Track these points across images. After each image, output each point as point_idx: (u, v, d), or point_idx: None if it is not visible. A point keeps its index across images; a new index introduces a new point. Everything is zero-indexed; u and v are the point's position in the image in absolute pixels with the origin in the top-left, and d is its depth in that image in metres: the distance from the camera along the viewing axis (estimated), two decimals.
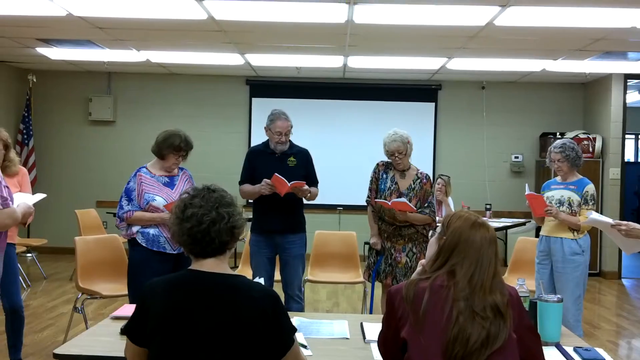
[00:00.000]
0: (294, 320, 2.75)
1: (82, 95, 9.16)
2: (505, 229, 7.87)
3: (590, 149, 8.42)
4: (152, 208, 3.89)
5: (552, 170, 4.77)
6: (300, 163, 4.44)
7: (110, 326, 2.76)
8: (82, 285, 4.54)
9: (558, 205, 4.53)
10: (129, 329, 1.95)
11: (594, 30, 5.76)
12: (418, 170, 4.61)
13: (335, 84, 9.12)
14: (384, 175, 4.58)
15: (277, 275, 4.54)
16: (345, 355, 2.51)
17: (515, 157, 9.19)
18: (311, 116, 9.00)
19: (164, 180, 3.99)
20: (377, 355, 2.24)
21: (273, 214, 4.38)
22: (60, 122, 9.18)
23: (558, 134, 8.64)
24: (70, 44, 7.06)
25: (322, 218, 8.50)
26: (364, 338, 2.69)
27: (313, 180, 4.50)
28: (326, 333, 2.76)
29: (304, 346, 2.49)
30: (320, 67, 8.21)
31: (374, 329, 2.57)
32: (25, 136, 8.78)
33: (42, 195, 3.78)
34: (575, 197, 4.51)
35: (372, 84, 9.13)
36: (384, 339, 2.09)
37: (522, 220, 7.72)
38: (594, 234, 4.13)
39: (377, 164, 4.66)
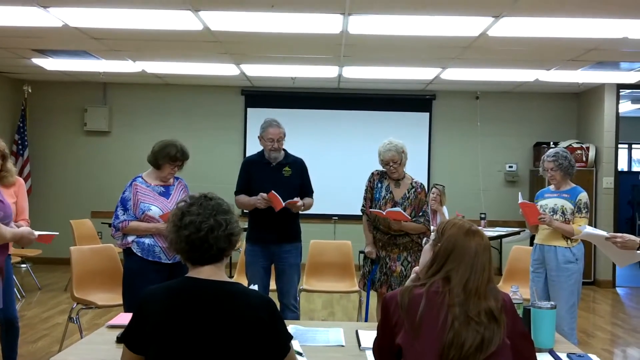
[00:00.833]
0: (290, 328, 2.76)
1: (78, 106, 9.16)
2: (499, 238, 7.91)
3: (584, 159, 8.46)
4: (148, 218, 3.90)
5: (546, 179, 4.80)
6: (296, 173, 4.46)
7: (106, 335, 2.75)
8: (77, 295, 4.53)
9: (552, 213, 4.56)
10: (126, 336, 1.95)
11: (587, 41, 5.82)
12: (413, 179, 4.63)
13: (330, 94, 9.16)
14: (379, 185, 4.60)
15: (273, 285, 4.55)
16: None
17: (510, 167, 9.24)
18: (306, 126, 9.02)
19: (160, 190, 4.01)
20: None
21: (269, 224, 4.39)
22: (56, 133, 9.19)
23: (552, 143, 8.67)
24: (66, 55, 7.08)
25: (318, 227, 8.52)
26: (359, 345, 2.70)
27: (308, 190, 4.53)
28: (322, 341, 2.77)
29: (300, 353, 2.50)
30: (315, 78, 8.25)
31: (369, 336, 2.57)
32: (20, 146, 8.78)
33: (55, 234, 3.89)
34: (568, 206, 4.54)
35: (367, 94, 9.17)
36: (379, 345, 2.10)
37: (517, 229, 7.76)
38: (587, 242, 4.15)
39: (372, 173, 4.68)
